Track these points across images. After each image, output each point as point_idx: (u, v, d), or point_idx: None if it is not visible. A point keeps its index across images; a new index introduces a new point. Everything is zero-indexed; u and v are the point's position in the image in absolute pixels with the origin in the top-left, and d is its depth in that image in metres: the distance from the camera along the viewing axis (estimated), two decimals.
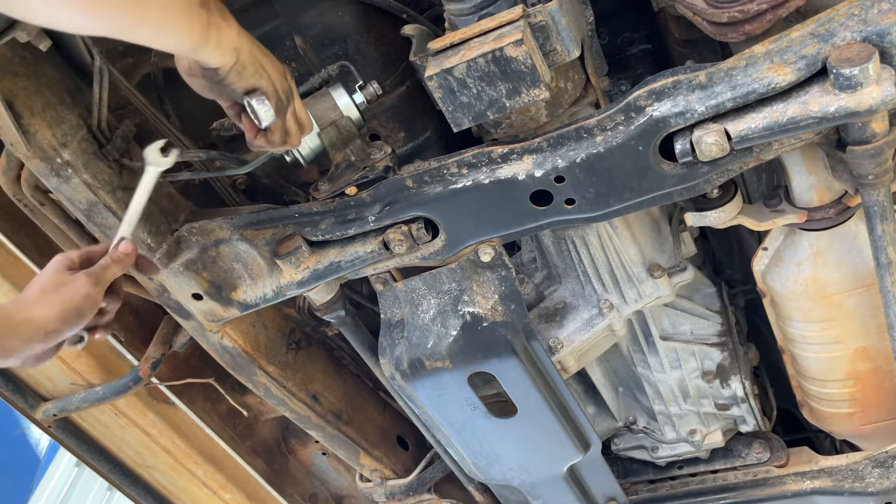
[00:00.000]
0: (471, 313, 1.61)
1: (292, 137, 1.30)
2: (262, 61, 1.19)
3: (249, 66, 1.16)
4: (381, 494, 2.29)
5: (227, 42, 1.11)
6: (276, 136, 1.27)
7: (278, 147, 1.30)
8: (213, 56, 1.11)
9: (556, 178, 1.37)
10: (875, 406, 1.79)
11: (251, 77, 1.17)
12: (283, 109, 1.25)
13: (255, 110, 1.20)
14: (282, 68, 1.26)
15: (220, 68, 1.14)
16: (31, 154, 1.43)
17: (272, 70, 1.22)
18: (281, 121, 1.25)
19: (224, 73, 1.15)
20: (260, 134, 1.26)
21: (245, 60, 1.15)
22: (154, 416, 2.19)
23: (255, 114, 1.21)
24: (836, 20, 1.15)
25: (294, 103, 1.29)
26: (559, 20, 1.26)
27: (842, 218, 1.48)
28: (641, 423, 2.11)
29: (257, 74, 1.18)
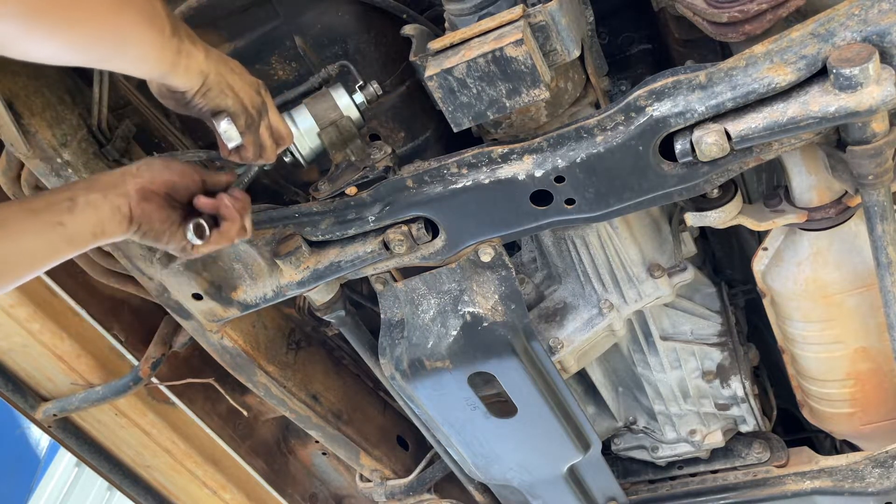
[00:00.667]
0: (471, 313, 1.61)
1: (267, 151, 1.31)
2: (230, 81, 1.22)
3: (214, 87, 1.19)
4: (381, 494, 2.29)
5: (194, 67, 1.15)
6: (250, 152, 1.28)
7: (254, 162, 1.31)
8: (181, 80, 1.15)
9: (556, 178, 1.37)
10: (875, 406, 1.79)
11: (216, 98, 1.20)
12: (255, 125, 1.27)
13: (221, 132, 1.23)
14: (255, 83, 1.28)
15: (187, 91, 1.17)
16: (31, 154, 1.43)
17: (241, 88, 1.24)
18: (252, 136, 1.27)
19: (190, 95, 1.18)
20: (233, 151, 1.28)
21: (210, 82, 1.18)
22: (154, 416, 2.19)
23: (223, 135, 1.23)
24: (836, 20, 1.15)
25: (268, 117, 1.30)
26: (559, 20, 1.26)
27: (842, 218, 1.48)
28: (641, 423, 2.11)
29: (222, 95, 1.20)
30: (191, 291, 1.66)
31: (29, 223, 1.08)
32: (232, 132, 1.23)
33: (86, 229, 1.15)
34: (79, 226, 1.13)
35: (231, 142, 1.24)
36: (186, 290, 1.66)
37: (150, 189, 1.24)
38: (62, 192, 1.15)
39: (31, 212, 1.09)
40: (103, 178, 1.22)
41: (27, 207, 1.10)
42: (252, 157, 1.29)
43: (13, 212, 1.08)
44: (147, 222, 1.24)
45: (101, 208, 1.17)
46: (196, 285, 1.65)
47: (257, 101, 1.27)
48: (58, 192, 1.15)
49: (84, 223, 1.14)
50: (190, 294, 1.66)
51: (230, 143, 1.24)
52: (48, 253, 1.12)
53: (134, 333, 2.01)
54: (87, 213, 1.14)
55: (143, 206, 1.23)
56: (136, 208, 1.22)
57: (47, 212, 1.11)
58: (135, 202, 1.22)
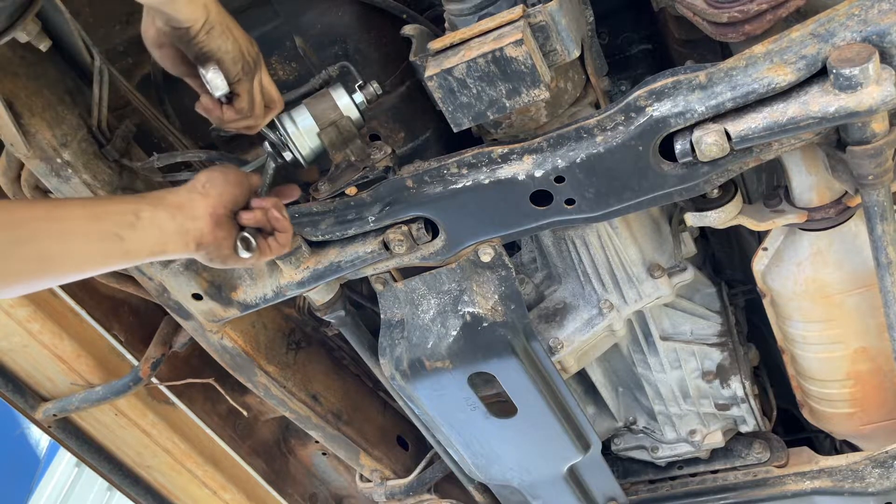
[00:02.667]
0: (471, 313, 1.61)
1: (256, 109, 1.27)
2: (229, 24, 1.19)
3: (218, 25, 1.15)
4: (381, 494, 2.29)
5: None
6: (244, 102, 1.24)
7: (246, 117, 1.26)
8: (188, 8, 1.11)
9: (556, 178, 1.37)
10: (875, 406, 1.79)
11: (218, 38, 1.16)
12: (251, 73, 1.23)
13: (209, 80, 1.18)
14: (249, 37, 1.25)
15: (192, 26, 1.13)
16: (31, 154, 1.43)
17: (239, 34, 1.21)
18: (248, 85, 1.23)
19: (195, 31, 1.13)
20: (224, 106, 1.24)
21: (214, 19, 1.15)
22: (154, 417, 2.19)
23: (209, 83, 1.19)
24: (836, 20, 1.15)
25: (262, 74, 1.27)
26: (559, 20, 1.26)
27: (842, 218, 1.48)
28: (641, 423, 2.11)
29: (224, 36, 1.17)
30: (191, 291, 1.66)
31: (88, 227, 1.06)
32: (218, 81, 1.18)
33: (145, 246, 1.13)
34: (138, 242, 1.11)
35: (217, 90, 1.19)
36: (186, 290, 1.66)
37: (221, 213, 1.22)
38: (128, 204, 1.13)
39: (94, 217, 1.07)
40: (170, 196, 1.18)
41: (90, 212, 1.08)
42: (246, 108, 1.25)
43: (75, 213, 1.07)
44: (216, 248, 1.22)
45: (165, 228, 1.15)
46: (196, 285, 1.65)
47: (253, 51, 1.24)
48: (124, 202, 1.14)
49: (144, 240, 1.12)
50: (190, 294, 1.66)
51: (216, 91, 1.20)
52: (99, 261, 1.10)
53: (134, 333, 2.01)
54: (149, 231, 1.12)
55: (217, 233, 1.21)
56: (208, 235, 1.20)
57: (109, 221, 1.09)
58: (208, 229, 1.20)
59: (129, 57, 1.61)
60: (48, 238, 1.02)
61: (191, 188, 1.22)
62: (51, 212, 1.04)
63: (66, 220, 1.04)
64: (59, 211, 1.05)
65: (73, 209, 1.07)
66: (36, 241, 1.01)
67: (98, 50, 1.43)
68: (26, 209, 1.04)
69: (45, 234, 1.02)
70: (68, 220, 1.05)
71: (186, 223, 1.17)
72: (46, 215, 1.03)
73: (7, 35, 1.23)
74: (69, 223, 1.05)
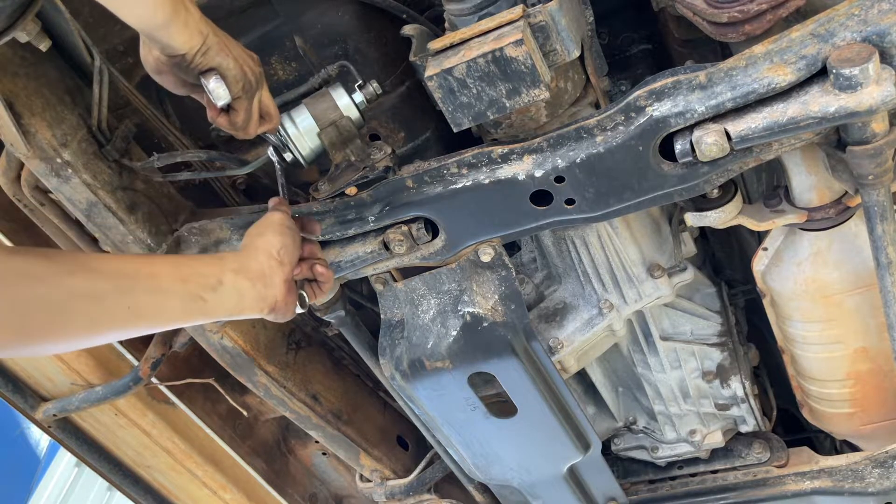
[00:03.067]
0: (471, 313, 1.61)
1: (252, 124, 1.30)
2: (228, 44, 1.21)
3: (214, 46, 1.18)
4: (381, 494, 2.29)
5: (193, 23, 1.14)
6: (240, 117, 1.27)
7: (238, 130, 1.29)
8: (182, 36, 1.14)
9: (556, 178, 1.37)
10: (875, 406, 1.79)
11: (216, 56, 1.19)
12: (251, 92, 1.26)
13: (211, 90, 1.21)
14: (252, 55, 1.28)
15: (187, 53, 1.16)
16: (31, 154, 1.43)
17: (239, 52, 1.24)
18: (247, 102, 1.26)
19: (190, 57, 1.17)
20: (222, 113, 1.27)
21: (210, 42, 1.18)
22: (154, 416, 2.19)
23: (211, 93, 1.21)
24: (836, 20, 1.15)
25: (262, 91, 1.30)
26: (559, 20, 1.26)
27: (842, 218, 1.48)
28: (641, 423, 2.11)
29: (222, 53, 1.19)
30: None
31: (176, 287, 1.12)
32: (221, 91, 1.21)
33: (223, 309, 1.18)
34: (219, 305, 1.17)
35: (220, 100, 1.22)
36: None
37: (291, 279, 1.29)
38: (212, 267, 1.18)
39: (182, 279, 1.13)
40: (252, 263, 1.24)
41: (179, 273, 1.13)
42: (241, 124, 1.28)
43: (166, 271, 1.12)
44: (284, 311, 1.29)
45: (245, 296, 1.21)
46: None
47: (256, 70, 1.27)
48: (208, 265, 1.19)
49: (224, 304, 1.18)
50: None
51: (219, 101, 1.22)
52: (180, 317, 1.15)
53: None
54: (230, 297, 1.18)
55: (288, 298, 1.28)
56: (281, 302, 1.27)
57: (194, 283, 1.14)
58: (282, 296, 1.26)
59: (129, 57, 1.61)
60: (144, 292, 1.07)
61: (269, 254, 1.27)
62: (146, 267, 1.10)
63: (158, 277, 1.10)
64: (153, 268, 1.11)
65: (164, 267, 1.13)
66: (133, 294, 1.06)
67: (98, 50, 1.43)
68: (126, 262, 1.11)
69: (142, 289, 1.07)
70: (160, 277, 1.10)
71: (265, 291, 1.24)
72: (142, 271, 1.09)
73: (7, 35, 1.23)
74: (161, 280, 1.10)
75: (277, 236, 1.30)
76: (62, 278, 0.97)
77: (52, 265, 0.98)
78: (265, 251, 1.27)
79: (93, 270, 1.02)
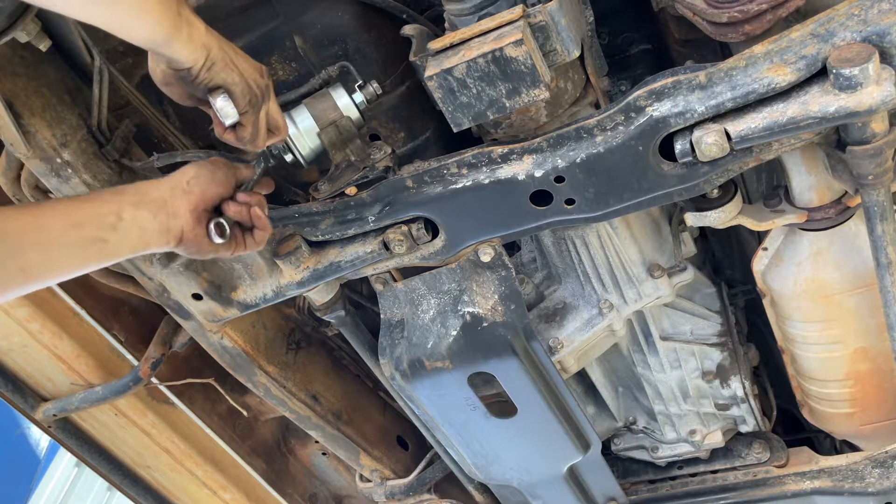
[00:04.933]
0: (471, 313, 1.61)
1: (260, 138, 1.28)
2: (234, 58, 1.20)
3: (219, 61, 1.17)
4: (381, 494, 2.29)
5: (197, 37, 1.13)
6: (247, 132, 1.25)
7: (246, 144, 1.28)
8: (185, 51, 1.12)
9: (556, 178, 1.37)
10: (875, 406, 1.79)
11: (221, 72, 1.17)
12: (258, 106, 1.25)
13: (218, 108, 1.20)
14: (259, 66, 1.26)
15: (192, 67, 1.15)
16: (31, 154, 1.43)
17: (245, 66, 1.22)
18: (254, 116, 1.24)
19: (196, 71, 1.15)
20: (229, 129, 1.25)
21: (215, 56, 1.16)
22: (154, 416, 2.19)
23: (219, 111, 1.20)
24: (835, 20, 1.15)
25: (269, 103, 1.29)
26: (559, 20, 1.26)
27: (842, 218, 1.48)
28: (641, 423, 2.11)
29: (227, 69, 1.18)
30: (191, 291, 1.66)
31: (69, 236, 1.06)
32: (228, 109, 1.20)
33: (127, 245, 1.13)
34: (120, 243, 1.12)
35: (228, 119, 1.21)
36: (186, 290, 1.66)
37: (202, 209, 1.24)
38: (108, 205, 1.12)
39: (75, 225, 1.07)
40: (152, 192, 1.19)
41: (71, 220, 1.07)
42: (248, 139, 1.26)
43: (56, 221, 1.06)
44: (195, 244, 1.24)
45: (147, 227, 1.15)
46: (196, 285, 1.65)
47: (262, 82, 1.25)
48: (103, 203, 1.13)
49: (126, 240, 1.13)
50: (190, 294, 1.66)
51: (227, 119, 1.21)
52: (80, 265, 1.10)
53: (134, 333, 2.01)
54: (131, 231, 1.13)
55: (197, 230, 1.22)
56: (189, 233, 1.21)
57: (91, 225, 1.09)
58: (189, 226, 1.21)
59: (129, 57, 1.61)
60: (33, 249, 1.02)
61: (174, 183, 1.22)
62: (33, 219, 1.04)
63: (47, 229, 1.04)
64: (40, 219, 1.05)
65: (54, 217, 1.06)
66: (22, 253, 1.01)
67: (98, 50, 1.43)
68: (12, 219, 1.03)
69: (30, 244, 1.02)
70: (49, 228, 1.04)
71: (168, 221, 1.18)
72: (29, 225, 1.03)
73: (7, 35, 1.23)
74: (51, 233, 1.04)
75: (192, 168, 1.25)
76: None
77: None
78: (171, 179, 1.22)
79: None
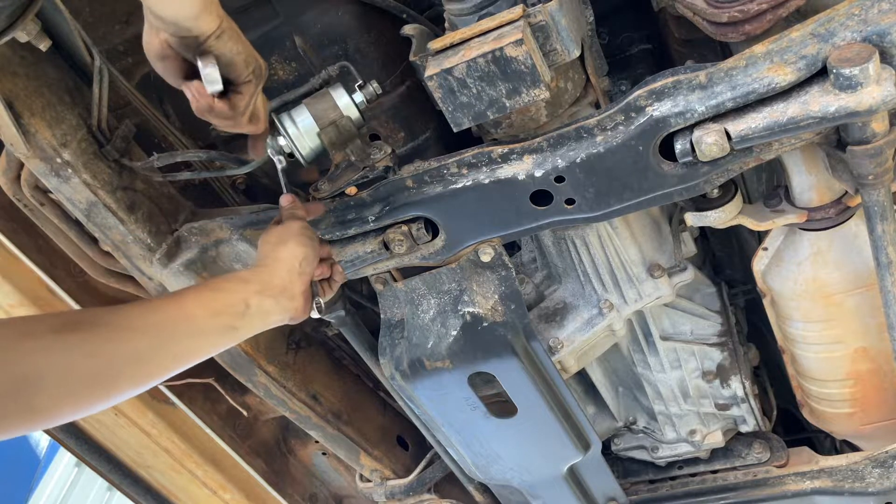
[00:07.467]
0: (471, 313, 1.61)
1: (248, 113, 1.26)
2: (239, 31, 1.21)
3: (228, 30, 1.17)
4: (381, 494, 2.29)
5: (214, 7, 1.14)
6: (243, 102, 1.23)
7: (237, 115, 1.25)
8: (207, 20, 1.12)
9: (556, 178, 1.37)
10: (875, 406, 1.79)
11: (229, 41, 1.17)
12: (260, 79, 1.25)
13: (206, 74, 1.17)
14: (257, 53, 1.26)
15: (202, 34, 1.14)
16: (31, 154, 1.43)
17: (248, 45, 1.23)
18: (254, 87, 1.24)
19: (204, 38, 1.14)
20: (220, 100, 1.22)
21: (225, 26, 1.17)
22: (154, 416, 2.19)
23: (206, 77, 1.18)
24: (836, 20, 1.15)
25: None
26: (559, 20, 1.26)
27: (842, 218, 1.48)
28: (641, 423, 2.11)
29: (234, 39, 1.18)
30: None
31: (211, 324, 1.14)
32: (215, 75, 1.18)
33: (252, 330, 1.21)
34: (248, 327, 1.19)
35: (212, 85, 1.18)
36: None
37: (310, 286, 1.32)
38: (237, 293, 1.20)
39: (214, 314, 1.14)
40: (274, 280, 1.25)
41: (211, 309, 1.15)
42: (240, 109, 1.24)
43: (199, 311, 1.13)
44: (303, 315, 1.32)
45: (270, 311, 1.23)
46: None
47: (263, 64, 1.26)
48: (233, 292, 1.20)
49: (253, 325, 1.20)
50: None
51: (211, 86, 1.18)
52: (216, 349, 1.17)
53: None
54: (257, 318, 1.21)
55: (307, 306, 1.32)
56: (301, 310, 1.30)
57: (225, 315, 1.16)
58: (302, 305, 1.30)
59: (129, 57, 1.61)
60: (184, 338, 1.10)
61: (290, 268, 1.28)
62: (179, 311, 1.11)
63: (193, 319, 1.12)
64: (186, 310, 1.12)
65: (196, 307, 1.14)
66: (174, 343, 1.08)
67: (98, 50, 1.43)
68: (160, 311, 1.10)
69: (182, 335, 1.10)
70: (195, 319, 1.12)
71: (287, 304, 1.26)
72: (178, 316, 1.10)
73: (7, 35, 1.23)
74: (197, 322, 1.12)
75: (300, 247, 1.31)
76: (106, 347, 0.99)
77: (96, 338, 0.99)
78: (287, 264, 1.28)
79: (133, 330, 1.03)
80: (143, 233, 1.57)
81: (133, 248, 1.60)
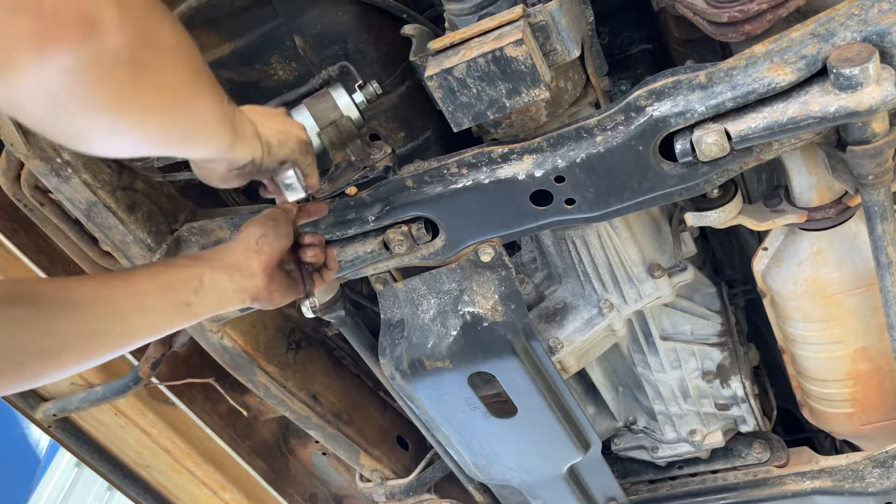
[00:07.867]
0: (471, 313, 1.61)
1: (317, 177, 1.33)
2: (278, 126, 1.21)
3: (273, 141, 1.18)
4: (381, 494, 2.29)
5: (251, 132, 1.13)
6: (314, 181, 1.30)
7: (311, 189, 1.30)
8: (245, 150, 1.12)
9: (556, 178, 1.37)
10: (875, 406, 1.79)
11: (279, 150, 1.19)
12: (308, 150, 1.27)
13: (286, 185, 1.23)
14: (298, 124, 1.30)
15: (254, 159, 1.15)
16: (31, 154, 1.43)
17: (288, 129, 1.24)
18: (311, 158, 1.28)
19: (259, 161, 1.15)
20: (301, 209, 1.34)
21: (269, 138, 1.17)
22: (154, 416, 2.19)
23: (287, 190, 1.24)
24: (836, 20, 1.15)
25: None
26: (559, 20, 1.26)
27: (842, 218, 1.48)
28: (641, 423, 2.11)
29: (281, 145, 1.20)
30: None
31: (161, 299, 1.12)
32: (297, 184, 1.23)
33: (207, 308, 1.19)
34: (202, 305, 1.17)
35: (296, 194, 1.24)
36: None
37: (272, 266, 1.29)
38: (191, 269, 1.18)
39: (164, 287, 1.13)
40: (227, 257, 1.24)
41: (161, 282, 1.13)
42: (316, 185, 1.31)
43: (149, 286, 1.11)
44: (268, 300, 1.29)
45: (225, 289, 1.21)
46: None
47: (304, 134, 1.28)
48: (187, 268, 1.18)
49: (208, 303, 1.18)
50: None
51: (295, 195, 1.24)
52: (167, 327, 1.15)
53: None
54: (211, 294, 1.19)
55: (270, 287, 1.28)
56: (263, 291, 1.27)
57: (178, 290, 1.14)
58: (262, 285, 1.26)
59: None
60: (131, 313, 1.07)
61: (246, 245, 1.27)
62: (127, 285, 1.09)
63: (142, 293, 1.10)
64: (135, 285, 1.10)
65: (146, 282, 1.12)
66: (121, 318, 1.06)
67: None
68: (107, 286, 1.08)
69: (129, 310, 1.07)
70: (144, 293, 1.10)
71: (243, 282, 1.24)
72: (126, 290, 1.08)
73: None
74: (145, 297, 1.10)
75: (258, 227, 1.30)
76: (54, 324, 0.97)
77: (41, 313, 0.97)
78: (242, 242, 1.27)
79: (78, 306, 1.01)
80: (143, 233, 1.57)
81: (133, 248, 1.59)
